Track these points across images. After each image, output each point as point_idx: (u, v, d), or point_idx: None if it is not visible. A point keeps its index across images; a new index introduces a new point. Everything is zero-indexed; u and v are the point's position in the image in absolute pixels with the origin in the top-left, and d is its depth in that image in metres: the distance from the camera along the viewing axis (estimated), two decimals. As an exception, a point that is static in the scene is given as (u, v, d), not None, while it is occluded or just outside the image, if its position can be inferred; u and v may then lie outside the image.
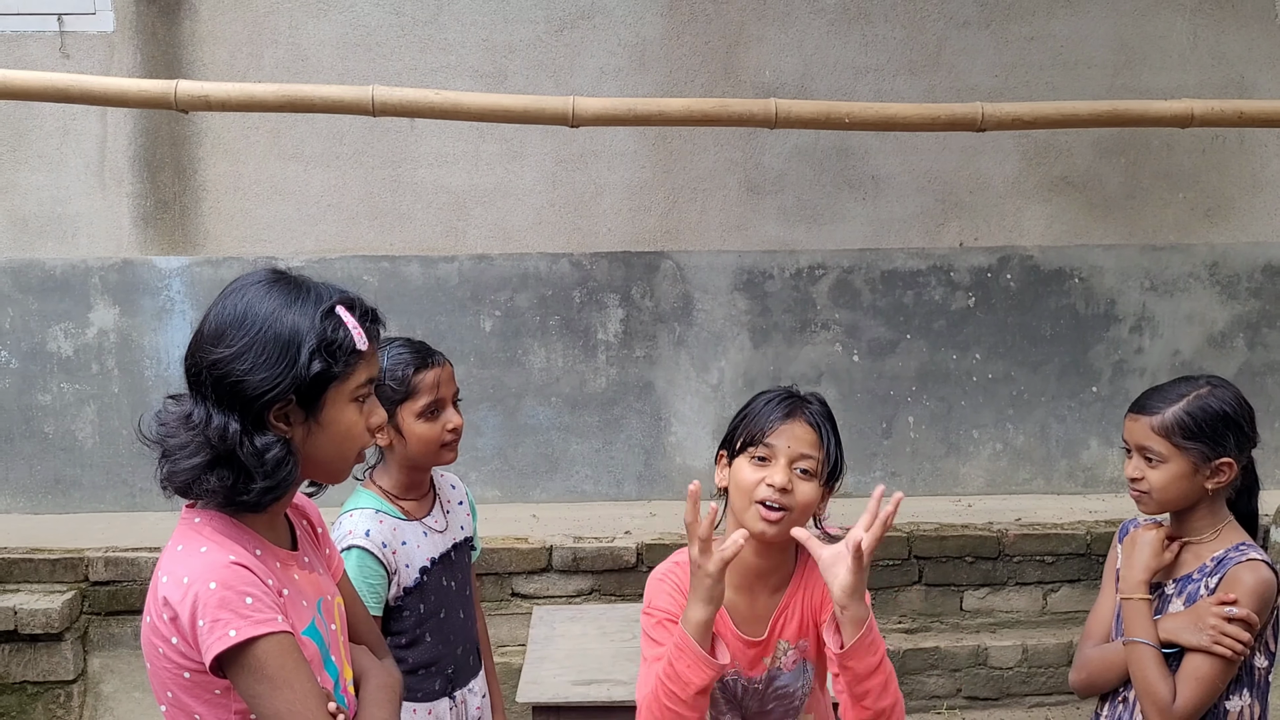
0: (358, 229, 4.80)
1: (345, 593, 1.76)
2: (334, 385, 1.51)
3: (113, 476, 4.70)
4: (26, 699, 3.98)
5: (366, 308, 1.57)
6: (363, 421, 1.56)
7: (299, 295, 1.51)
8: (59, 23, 4.62)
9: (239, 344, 1.47)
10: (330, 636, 1.61)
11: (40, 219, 4.73)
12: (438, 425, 2.22)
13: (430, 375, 2.22)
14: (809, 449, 1.86)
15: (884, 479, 4.86)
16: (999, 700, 4.20)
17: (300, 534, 1.68)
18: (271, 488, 1.49)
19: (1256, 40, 4.90)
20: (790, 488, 1.83)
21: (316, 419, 1.51)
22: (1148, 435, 2.15)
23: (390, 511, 2.24)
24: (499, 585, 4.16)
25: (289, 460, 1.49)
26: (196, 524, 1.52)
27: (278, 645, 1.44)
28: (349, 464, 1.59)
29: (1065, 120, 2.92)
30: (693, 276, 4.77)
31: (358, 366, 1.53)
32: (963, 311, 4.86)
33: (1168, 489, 2.12)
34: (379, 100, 2.64)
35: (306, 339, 1.47)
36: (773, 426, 1.86)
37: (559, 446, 4.82)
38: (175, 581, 1.45)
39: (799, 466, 1.85)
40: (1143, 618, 2.09)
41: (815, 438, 1.87)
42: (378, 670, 1.72)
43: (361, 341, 1.52)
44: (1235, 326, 4.94)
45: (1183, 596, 2.13)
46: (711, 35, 4.79)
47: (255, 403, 1.46)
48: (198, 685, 1.47)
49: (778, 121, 2.74)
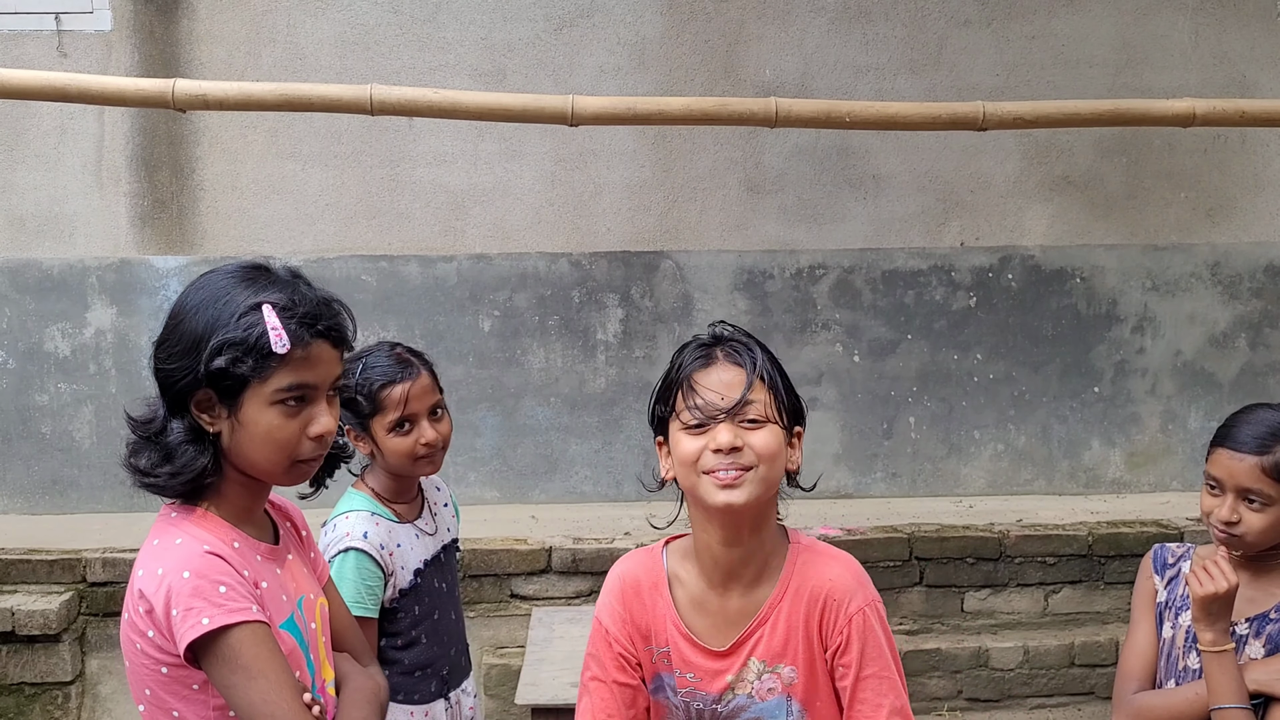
0: (356, 228, 4.78)
1: (330, 597, 1.74)
2: (252, 385, 1.46)
3: (110, 477, 4.67)
4: (24, 700, 3.97)
5: (304, 310, 1.48)
6: (291, 428, 1.49)
7: (239, 289, 1.48)
8: (56, 21, 4.61)
9: (167, 331, 1.51)
10: (310, 635, 1.60)
11: (37, 218, 4.72)
12: (410, 439, 2.19)
13: (398, 390, 2.16)
14: (755, 393, 1.53)
15: (885, 480, 4.85)
16: (1000, 702, 4.18)
17: (284, 533, 1.67)
18: (176, 473, 1.48)
19: (1258, 39, 4.88)
20: (740, 444, 1.51)
21: (237, 416, 1.48)
22: (1257, 478, 1.92)
23: (384, 514, 2.25)
24: (498, 586, 4.15)
25: (189, 448, 1.48)
26: (173, 518, 1.52)
27: (252, 635, 1.42)
28: (280, 468, 1.51)
29: (1067, 119, 2.91)
30: (692, 276, 4.76)
31: (277, 370, 1.46)
32: (964, 311, 4.84)
33: (1268, 532, 1.93)
34: (377, 99, 2.62)
35: (215, 335, 1.44)
36: (699, 382, 1.55)
37: (558, 447, 4.81)
38: (150, 574, 1.45)
39: (744, 416, 1.52)
40: (1231, 676, 1.87)
41: (749, 379, 1.54)
42: (359, 674, 1.70)
43: (280, 344, 1.44)
44: (1237, 327, 4.93)
45: (1261, 638, 1.97)
46: (711, 34, 4.77)
47: (171, 391, 1.49)
48: (175, 680, 1.46)
49: (778, 120, 2.72)
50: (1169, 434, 4.95)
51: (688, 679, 1.59)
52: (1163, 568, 2.15)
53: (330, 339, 1.51)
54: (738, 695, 1.57)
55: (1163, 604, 2.12)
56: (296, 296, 1.49)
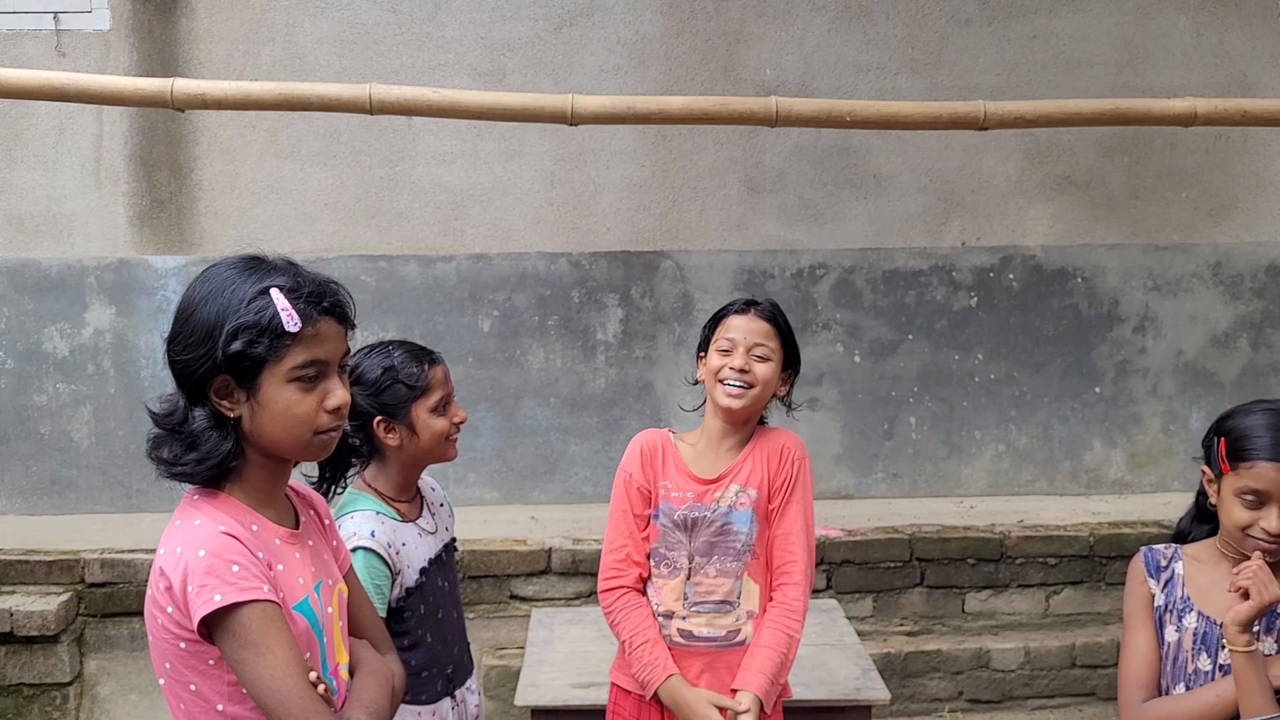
0: (355, 228, 4.77)
1: (351, 586, 1.82)
2: (268, 366, 1.54)
3: (109, 478, 4.67)
4: (23, 701, 3.96)
5: (309, 290, 1.58)
6: (309, 402, 1.58)
7: (242, 278, 1.56)
8: (55, 21, 4.60)
9: (179, 325, 1.58)
10: (325, 619, 1.66)
11: (36, 218, 4.71)
12: (446, 419, 2.28)
13: (440, 370, 2.29)
14: (762, 339, 2.29)
15: (885, 480, 4.84)
16: (1001, 703, 4.17)
17: (306, 520, 1.74)
18: (203, 459, 1.55)
19: (1260, 39, 4.88)
20: (749, 368, 2.27)
21: (256, 398, 1.56)
22: None
23: (388, 513, 2.25)
24: (497, 587, 4.14)
25: (213, 434, 1.55)
26: (195, 500, 1.60)
27: (261, 613, 1.49)
28: (302, 441, 1.60)
29: (1068, 119, 2.90)
30: (693, 276, 4.75)
31: (291, 348, 1.55)
32: (965, 311, 4.83)
33: None
34: (376, 99, 2.62)
35: (229, 321, 1.52)
36: (733, 322, 2.31)
37: (558, 447, 4.80)
38: (170, 552, 1.53)
39: (755, 353, 2.28)
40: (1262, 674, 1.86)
41: (769, 329, 2.30)
42: (375, 660, 1.78)
43: (291, 323, 1.53)
44: (1239, 327, 4.92)
45: (1273, 634, 1.98)
46: (711, 33, 4.76)
47: (189, 380, 1.56)
48: (192, 655, 1.53)
49: (778, 120, 2.72)
50: (1170, 434, 4.94)
51: (687, 498, 2.33)
52: (1156, 570, 2.11)
53: (335, 315, 1.61)
54: (721, 505, 2.32)
55: (1161, 607, 2.09)
56: (299, 279, 1.58)
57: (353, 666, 1.73)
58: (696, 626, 2.33)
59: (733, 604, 2.32)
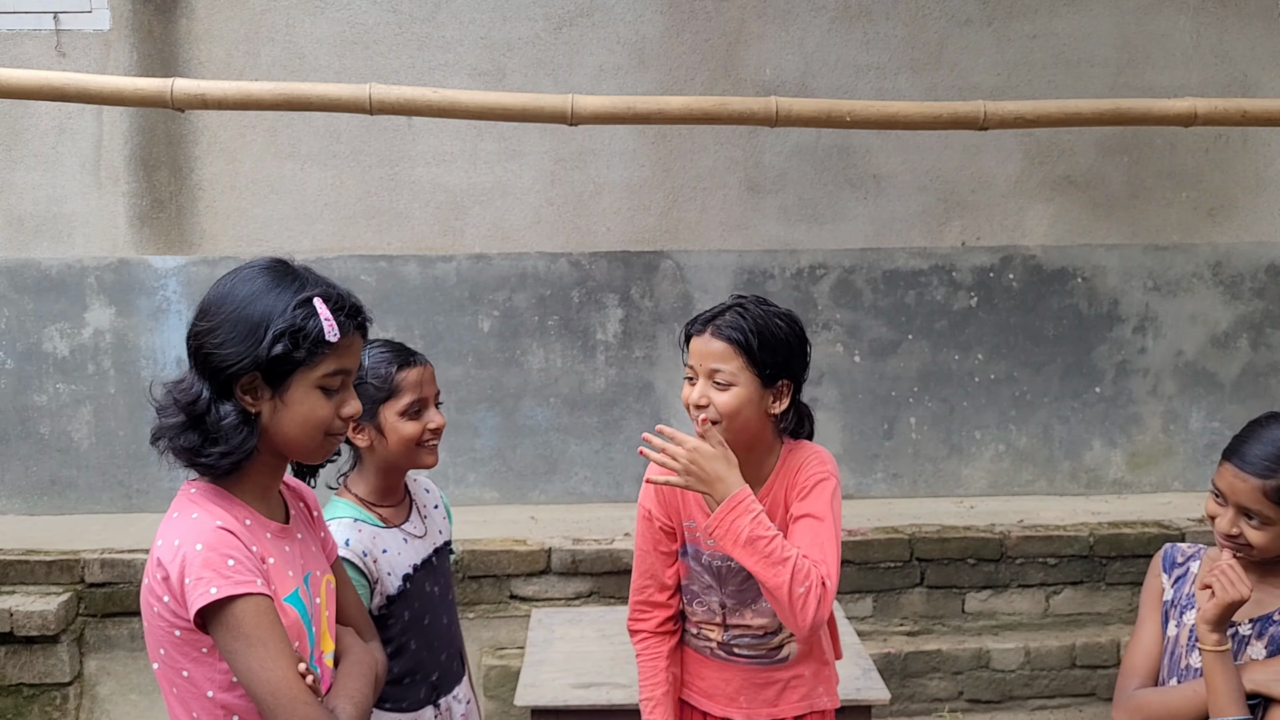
0: (355, 228, 4.77)
1: (338, 575, 1.88)
2: (301, 370, 1.62)
3: (109, 478, 4.67)
4: (22, 701, 3.96)
5: (348, 304, 1.66)
6: (328, 408, 1.66)
7: (282, 283, 1.63)
8: (55, 21, 4.60)
9: (215, 320, 1.61)
10: (314, 609, 1.72)
11: (35, 218, 4.71)
12: (419, 425, 2.20)
13: (413, 374, 2.19)
14: (718, 362, 1.99)
15: (885, 480, 4.85)
16: (1001, 703, 4.17)
17: (295, 513, 1.80)
18: (228, 452, 1.60)
19: (1260, 39, 4.87)
20: (705, 401, 2.00)
21: (282, 398, 1.63)
22: (1258, 500, 1.92)
23: (368, 519, 2.20)
24: (497, 587, 4.14)
25: (243, 429, 1.61)
26: (192, 494, 1.65)
27: (254, 606, 1.55)
28: (315, 444, 1.68)
29: (1068, 119, 2.89)
30: (693, 276, 4.75)
31: (326, 356, 1.63)
32: (965, 311, 4.83)
33: (1269, 548, 1.94)
34: (376, 99, 2.61)
35: (275, 323, 1.59)
36: (692, 346, 2.05)
37: (558, 448, 4.80)
38: (168, 544, 1.59)
39: (715, 380, 2.00)
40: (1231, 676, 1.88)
41: (727, 349, 1.99)
42: (359, 648, 1.83)
43: (332, 334, 1.62)
44: (1239, 327, 4.92)
45: (1264, 639, 1.97)
46: (711, 33, 4.76)
47: (222, 374, 1.60)
48: (186, 643, 1.59)
49: (778, 120, 2.71)
50: (1170, 434, 4.94)
51: (710, 544, 2.10)
52: (1171, 566, 2.15)
53: (362, 331, 1.70)
54: None
55: (1169, 602, 2.12)
56: (335, 293, 1.66)
57: (338, 654, 1.79)
58: (738, 646, 2.24)
59: (775, 632, 2.21)
